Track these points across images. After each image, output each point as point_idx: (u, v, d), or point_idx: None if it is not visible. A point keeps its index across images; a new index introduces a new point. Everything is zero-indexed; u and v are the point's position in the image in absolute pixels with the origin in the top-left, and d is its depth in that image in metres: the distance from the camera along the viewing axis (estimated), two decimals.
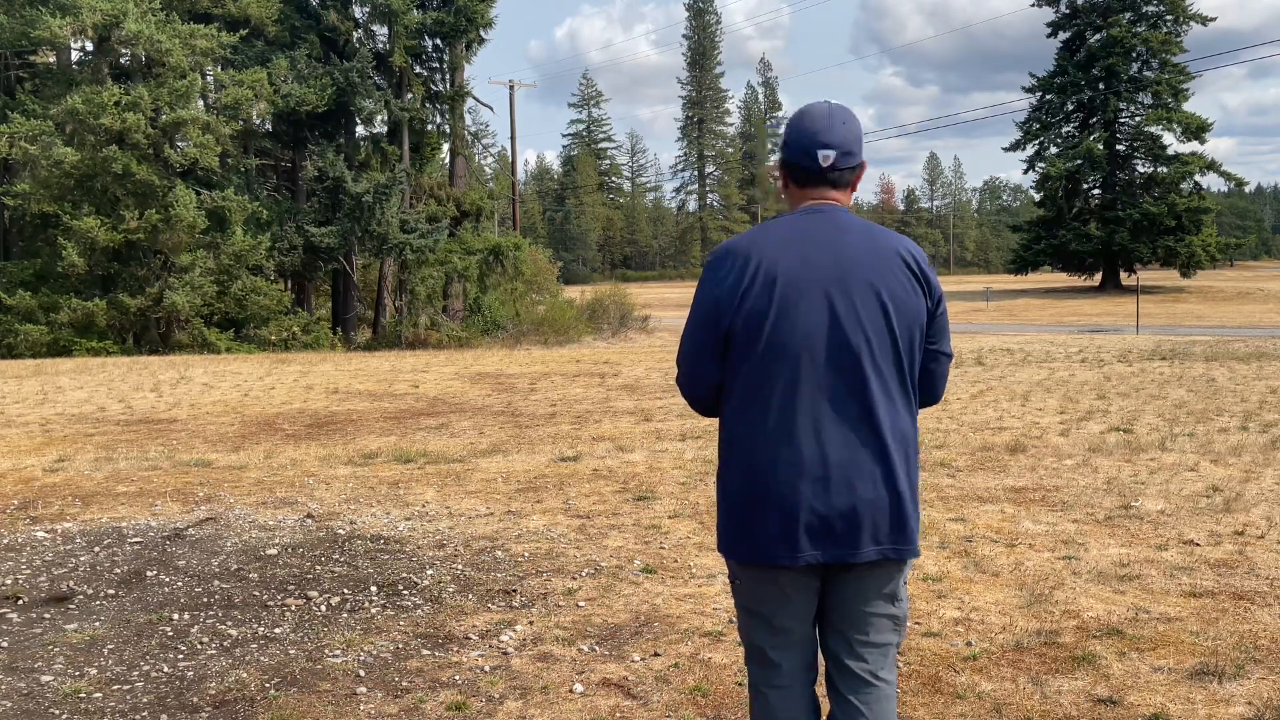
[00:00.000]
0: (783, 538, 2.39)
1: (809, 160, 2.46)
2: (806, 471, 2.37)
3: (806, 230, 2.46)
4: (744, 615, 2.60)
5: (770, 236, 2.47)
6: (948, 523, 6.28)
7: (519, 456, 8.98)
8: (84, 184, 26.65)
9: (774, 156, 37.06)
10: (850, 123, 2.48)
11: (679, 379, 2.62)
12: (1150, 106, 53.81)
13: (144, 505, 7.21)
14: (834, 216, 2.48)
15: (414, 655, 4.29)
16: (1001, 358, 18.68)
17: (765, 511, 2.40)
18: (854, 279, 2.41)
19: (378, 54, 31.68)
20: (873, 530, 2.39)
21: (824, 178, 2.48)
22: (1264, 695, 3.71)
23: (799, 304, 2.39)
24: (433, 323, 31.95)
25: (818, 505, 2.36)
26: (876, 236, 2.49)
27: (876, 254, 2.44)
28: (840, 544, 2.39)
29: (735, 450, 2.47)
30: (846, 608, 2.50)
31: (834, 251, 2.43)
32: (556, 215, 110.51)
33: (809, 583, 2.49)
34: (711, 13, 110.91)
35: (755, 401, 2.43)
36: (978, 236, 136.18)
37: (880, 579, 2.47)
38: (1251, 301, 46.87)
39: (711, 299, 2.46)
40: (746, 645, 2.62)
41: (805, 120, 2.49)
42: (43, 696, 3.93)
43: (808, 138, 2.46)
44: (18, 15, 26.54)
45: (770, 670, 2.56)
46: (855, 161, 2.49)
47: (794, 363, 2.39)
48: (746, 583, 2.54)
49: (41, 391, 15.27)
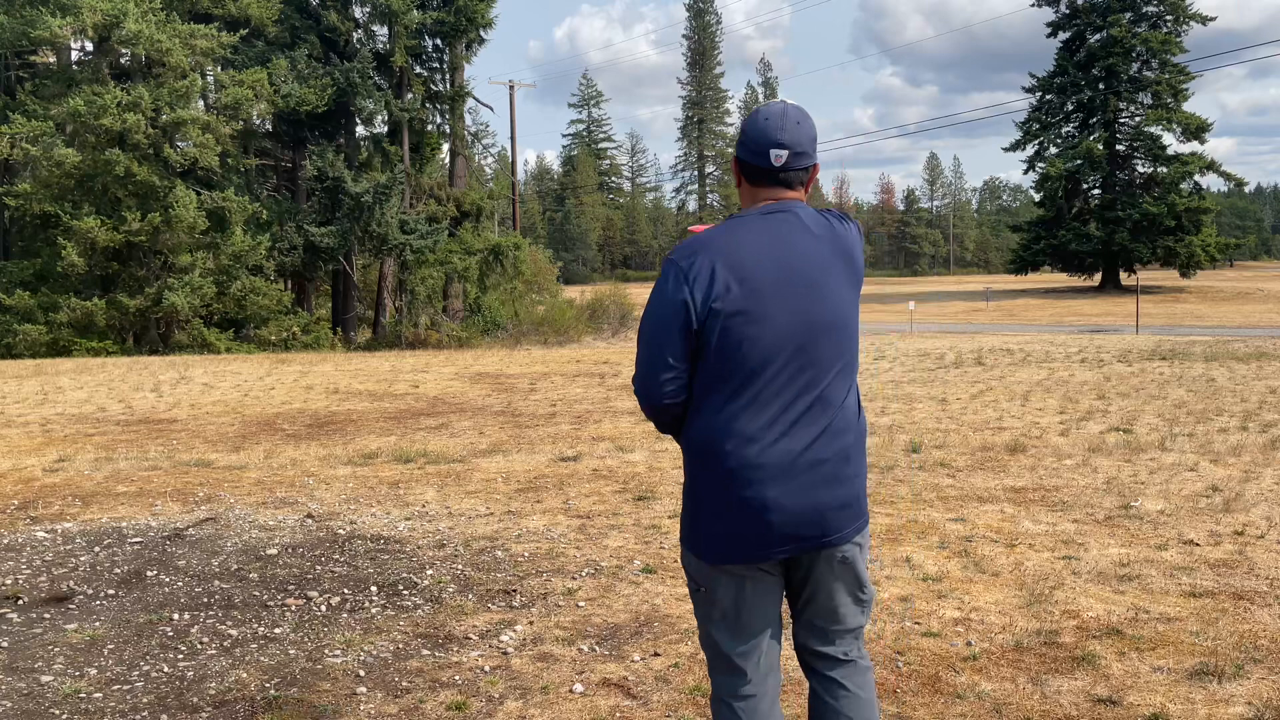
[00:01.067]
0: (756, 535, 2.43)
1: (761, 159, 2.48)
2: (782, 470, 2.40)
3: (770, 230, 2.46)
4: (708, 622, 2.58)
5: (734, 236, 2.46)
6: (948, 523, 6.28)
7: (519, 456, 8.98)
8: (84, 184, 26.67)
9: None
10: (804, 123, 2.50)
11: (638, 389, 2.50)
12: (1150, 106, 53.85)
13: (144, 505, 7.21)
14: (796, 216, 2.49)
15: (414, 655, 4.29)
16: (1001, 358, 18.68)
17: (738, 510, 2.42)
18: (817, 279, 2.45)
19: (378, 54, 31.70)
20: (839, 522, 2.47)
21: (775, 176, 2.49)
22: (1264, 695, 3.71)
23: (767, 304, 2.40)
24: (433, 323, 31.96)
25: (789, 502, 2.40)
26: (829, 230, 2.51)
27: (832, 250, 2.49)
28: (811, 538, 2.45)
29: (705, 450, 2.47)
30: (817, 600, 2.56)
31: (799, 251, 2.45)
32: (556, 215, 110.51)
33: (775, 581, 2.54)
34: (711, 13, 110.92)
35: (724, 401, 2.43)
36: (978, 236, 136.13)
37: (847, 565, 2.54)
38: (1251, 301, 46.87)
39: (678, 300, 2.40)
40: (711, 655, 2.60)
41: (759, 119, 2.50)
42: (43, 696, 3.93)
43: (761, 137, 2.48)
44: (18, 15, 26.56)
45: (736, 678, 2.55)
46: (808, 162, 2.51)
47: (762, 361, 2.40)
48: (714, 585, 2.53)
49: (41, 391, 15.27)
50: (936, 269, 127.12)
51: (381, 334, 31.92)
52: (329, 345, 29.53)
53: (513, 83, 42.20)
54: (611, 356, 21.74)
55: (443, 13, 31.99)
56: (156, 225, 26.39)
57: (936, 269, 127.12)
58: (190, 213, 26.41)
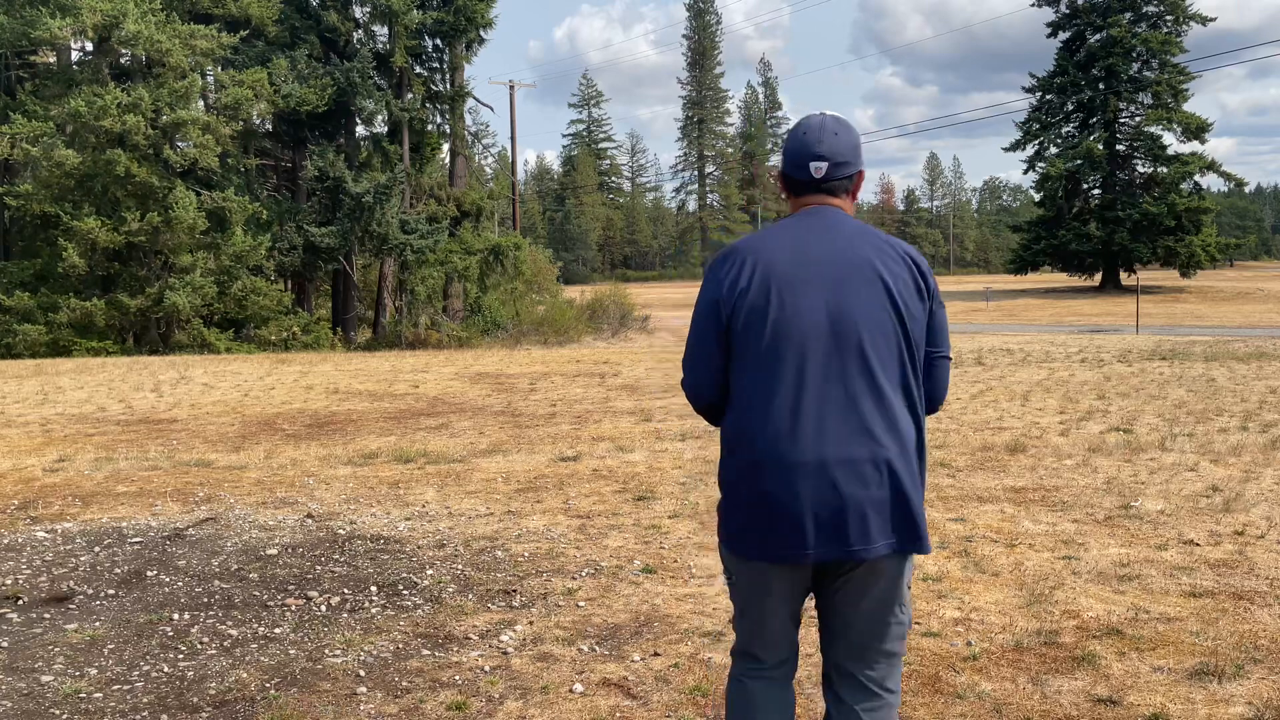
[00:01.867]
0: (787, 534, 2.38)
1: (801, 172, 2.55)
2: (809, 467, 2.37)
3: (803, 229, 2.52)
4: (737, 611, 2.64)
5: (767, 237, 2.54)
6: (948, 523, 6.28)
7: (519, 456, 8.98)
8: (84, 185, 26.67)
9: (774, 158, 36.29)
10: (843, 134, 2.54)
11: (684, 384, 2.63)
12: (1150, 106, 53.81)
13: (144, 505, 7.21)
14: (830, 216, 2.53)
15: (414, 655, 4.29)
16: (1001, 358, 18.68)
17: (768, 508, 2.40)
18: (852, 275, 2.44)
19: (378, 54, 31.69)
20: (878, 526, 2.37)
21: (818, 187, 2.55)
22: (1264, 695, 3.71)
23: (797, 299, 2.42)
24: (433, 323, 31.96)
25: (820, 502, 2.36)
26: (874, 236, 2.52)
27: (874, 252, 2.48)
28: (843, 541, 2.37)
29: (737, 446, 2.48)
30: (849, 611, 2.49)
31: (831, 248, 2.47)
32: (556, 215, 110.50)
33: (799, 582, 2.51)
34: (711, 13, 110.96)
35: (756, 397, 2.44)
36: (978, 236, 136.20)
37: (882, 579, 2.45)
38: (1251, 301, 46.86)
39: (710, 299, 2.51)
40: (737, 636, 2.68)
41: (799, 134, 2.57)
42: (43, 696, 3.93)
43: (800, 150, 2.55)
44: (18, 15, 26.55)
45: (753, 664, 2.63)
46: (851, 170, 2.55)
47: (795, 358, 2.40)
48: (742, 578, 2.55)
49: (41, 391, 15.27)
50: (936, 269, 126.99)
51: (381, 334, 31.91)
52: (329, 345, 29.52)
53: (513, 83, 42.23)
54: (611, 356, 21.74)
55: (443, 13, 31.99)
56: (156, 225, 26.39)
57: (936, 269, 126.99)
58: (190, 213, 26.39)
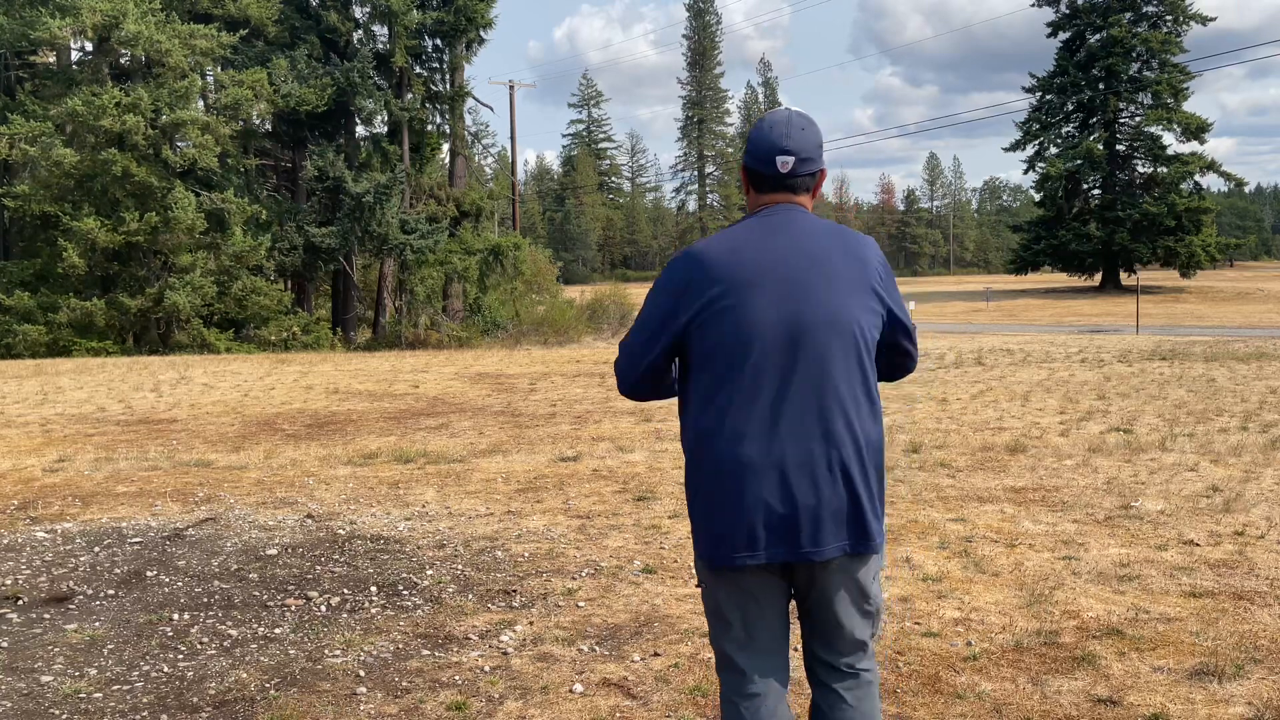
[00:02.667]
0: (744, 537, 2.38)
1: (767, 166, 2.50)
2: (766, 469, 2.37)
3: (764, 229, 2.48)
4: (712, 621, 2.59)
5: (727, 237, 2.49)
6: (948, 523, 6.28)
7: (519, 456, 8.98)
8: (84, 185, 26.67)
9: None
10: (809, 129, 2.52)
11: (618, 366, 2.59)
12: (1150, 106, 53.82)
13: (144, 505, 7.21)
14: (790, 215, 2.50)
15: (414, 655, 4.29)
16: (1001, 358, 18.68)
17: (727, 511, 2.40)
18: (814, 275, 2.42)
19: (378, 54, 31.69)
20: (833, 528, 2.39)
21: (782, 183, 2.51)
22: (1264, 695, 3.71)
23: (755, 299, 2.40)
24: (432, 323, 31.95)
25: (777, 503, 2.36)
26: (833, 233, 2.50)
27: (837, 250, 2.46)
28: (802, 542, 2.38)
29: (698, 449, 2.46)
30: (818, 607, 2.51)
31: (792, 249, 2.44)
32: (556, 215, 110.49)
33: (775, 583, 2.48)
34: (711, 13, 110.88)
35: (715, 399, 2.42)
36: (978, 236, 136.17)
37: (848, 576, 2.47)
38: (1251, 301, 46.87)
39: (668, 303, 2.47)
40: (717, 653, 2.61)
41: (764, 127, 2.53)
42: (43, 696, 3.93)
43: (766, 144, 2.50)
44: (18, 15, 26.56)
45: (739, 678, 2.54)
46: (814, 168, 2.53)
47: (752, 359, 2.39)
48: (712, 585, 2.53)
49: (41, 391, 15.27)
50: (936, 269, 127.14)
51: (381, 334, 31.92)
52: (329, 345, 29.53)
53: (513, 83, 42.21)
54: (611, 356, 21.73)
55: (443, 13, 31.99)
56: (155, 226, 26.39)
57: (936, 269, 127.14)
58: (189, 213, 26.40)
